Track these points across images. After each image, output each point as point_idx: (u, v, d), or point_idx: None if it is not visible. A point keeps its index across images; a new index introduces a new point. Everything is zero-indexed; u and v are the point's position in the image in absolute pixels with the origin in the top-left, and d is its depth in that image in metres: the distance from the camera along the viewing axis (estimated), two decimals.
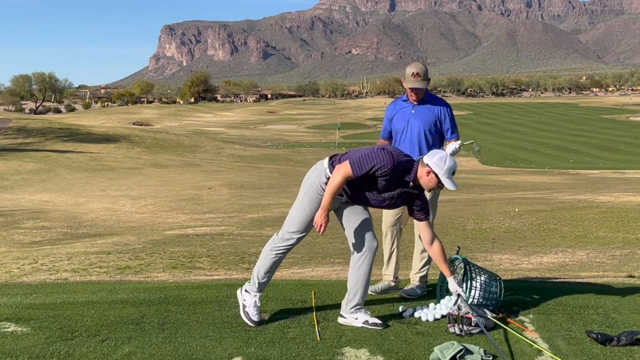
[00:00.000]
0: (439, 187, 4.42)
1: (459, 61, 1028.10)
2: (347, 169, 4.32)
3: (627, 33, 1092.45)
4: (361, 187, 4.47)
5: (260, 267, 4.70)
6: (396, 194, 4.47)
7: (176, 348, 4.04)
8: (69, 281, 6.32)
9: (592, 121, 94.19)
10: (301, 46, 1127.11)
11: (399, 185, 4.43)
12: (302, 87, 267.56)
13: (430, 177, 4.37)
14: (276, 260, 4.69)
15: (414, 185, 4.45)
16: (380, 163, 4.30)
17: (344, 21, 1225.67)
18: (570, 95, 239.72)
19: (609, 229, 11.19)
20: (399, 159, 4.35)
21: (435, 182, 4.38)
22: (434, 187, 4.41)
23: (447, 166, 4.35)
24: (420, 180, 4.41)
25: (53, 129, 50.01)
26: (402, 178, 4.40)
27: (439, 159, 4.36)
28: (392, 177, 4.36)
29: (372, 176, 4.35)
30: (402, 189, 4.45)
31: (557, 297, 5.16)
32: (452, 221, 12.76)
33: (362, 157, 4.34)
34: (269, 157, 48.58)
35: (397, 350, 4.00)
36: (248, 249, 9.12)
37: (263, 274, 4.68)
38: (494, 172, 41.28)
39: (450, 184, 4.37)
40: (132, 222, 14.86)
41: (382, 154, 4.33)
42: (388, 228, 5.45)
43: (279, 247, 4.65)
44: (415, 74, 5.14)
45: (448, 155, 4.42)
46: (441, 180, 4.36)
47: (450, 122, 5.28)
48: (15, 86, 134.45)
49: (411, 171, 4.40)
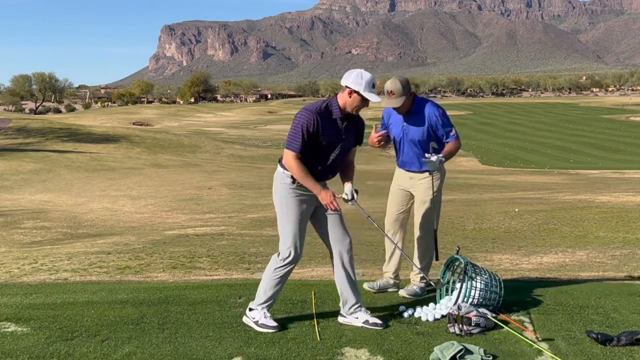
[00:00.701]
0: (364, 104, 4.45)
1: (459, 61, 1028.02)
2: (288, 152, 4.40)
3: (627, 33, 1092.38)
4: (321, 157, 4.50)
5: (266, 287, 4.59)
6: (343, 137, 4.51)
7: (176, 348, 4.04)
8: (69, 281, 6.32)
9: (592, 121, 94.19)
10: (301, 46, 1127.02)
11: (336, 127, 4.47)
12: (302, 87, 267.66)
13: (353, 96, 4.42)
14: (281, 279, 4.58)
15: (343, 116, 4.48)
16: (305, 121, 4.36)
17: (344, 21, 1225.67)
18: (570, 95, 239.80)
19: (609, 229, 11.18)
20: (315, 106, 4.45)
21: (359, 100, 4.43)
22: (359, 105, 4.45)
23: (365, 80, 4.40)
24: (345, 105, 4.46)
25: (53, 129, 50.01)
26: (332, 119, 4.44)
27: (356, 76, 4.42)
28: (326, 126, 4.41)
29: (315, 141, 4.39)
30: (341, 128, 4.49)
31: (557, 297, 5.16)
32: (452, 221, 12.76)
33: (291, 134, 4.41)
34: (269, 157, 48.57)
35: (397, 350, 4.00)
36: (248, 249, 9.12)
37: (269, 294, 4.57)
38: (494, 172, 41.27)
39: (373, 96, 4.44)
40: (132, 222, 14.86)
41: (301, 115, 4.40)
42: (390, 224, 5.44)
43: (281, 266, 4.55)
44: (389, 92, 5.05)
45: (363, 70, 4.47)
46: (364, 96, 4.41)
47: (443, 128, 5.11)
48: (15, 86, 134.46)
49: (333, 106, 4.46)
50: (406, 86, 5.04)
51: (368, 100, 4.44)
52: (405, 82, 5.07)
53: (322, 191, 4.44)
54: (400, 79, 5.10)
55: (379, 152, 5.28)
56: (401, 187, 5.40)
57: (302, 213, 4.54)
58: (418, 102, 5.16)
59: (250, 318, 4.52)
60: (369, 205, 16.45)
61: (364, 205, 4.90)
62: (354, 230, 4.38)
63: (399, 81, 5.05)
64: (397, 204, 5.41)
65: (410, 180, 5.32)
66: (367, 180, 29.69)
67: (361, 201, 4.89)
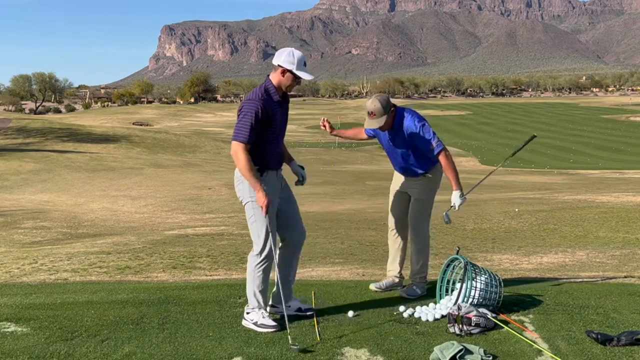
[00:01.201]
0: (297, 82, 4.54)
1: (459, 61, 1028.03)
2: (237, 144, 4.42)
3: (627, 33, 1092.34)
4: (274, 142, 4.61)
5: (253, 288, 4.60)
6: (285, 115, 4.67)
7: (176, 348, 4.04)
8: (69, 281, 6.32)
9: (592, 121, 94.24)
10: (301, 46, 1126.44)
11: (279, 109, 4.57)
12: (302, 87, 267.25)
13: (286, 75, 4.49)
14: (264, 276, 4.60)
15: (281, 97, 4.58)
16: (253, 112, 4.40)
17: (344, 21, 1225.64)
18: (570, 95, 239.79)
19: (609, 229, 11.18)
20: (257, 94, 4.48)
21: (292, 78, 4.51)
22: (292, 84, 4.53)
23: (296, 59, 4.48)
24: (280, 84, 4.53)
25: (53, 129, 50.00)
26: (274, 102, 4.52)
27: (288, 55, 4.49)
28: (271, 111, 4.48)
29: (267, 128, 4.48)
30: (282, 109, 4.61)
31: (557, 297, 5.16)
32: (452, 221, 12.76)
33: (239, 125, 4.44)
34: None
35: (397, 350, 4.00)
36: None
37: (258, 293, 4.59)
38: (494, 172, 41.24)
39: (306, 75, 4.52)
40: (132, 222, 14.86)
41: (247, 105, 4.45)
42: (394, 224, 5.46)
43: (260, 262, 4.58)
44: (371, 113, 5.05)
45: (294, 49, 4.55)
46: (296, 74, 4.48)
47: (426, 144, 5.05)
48: (15, 86, 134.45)
49: (271, 90, 4.52)
50: (386, 106, 5.02)
51: (300, 78, 4.52)
52: (385, 102, 5.04)
53: (260, 192, 4.42)
54: (380, 98, 5.07)
55: (379, 152, 5.25)
56: (400, 188, 5.43)
57: (272, 207, 4.55)
58: (399, 116, 5.12)
59: (249, 321, 4.53)
60: (369, 205, 16.49)
61: (364, 206, 4.90)
62: (354, 231, 4.39)
63: (379, 101, 5.03)
64: (399, 204, 5.44)
65: (407, 182, 5.39)
66: (367, 180, 29.71)
67: (361, 201, 4.89)
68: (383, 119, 5.02)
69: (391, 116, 5.08)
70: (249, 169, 4.41)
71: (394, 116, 5.10)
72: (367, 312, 4.79)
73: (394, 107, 5.10)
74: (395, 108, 5.12)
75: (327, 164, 45.17)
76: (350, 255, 8.60)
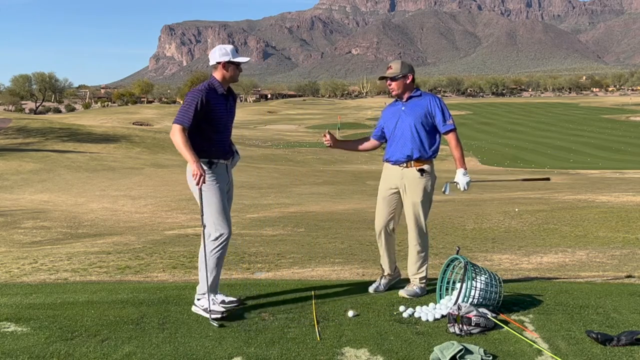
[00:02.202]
0: (238, 70, 4.83)
1: (459, 61, 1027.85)
2: (175, 125, 4.65)
3: (627, 33, 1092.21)
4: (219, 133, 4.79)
5: (207, 273, 4.72)
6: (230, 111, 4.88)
7: (176, 348, 4.04)
8: (69, 281, 6.32)
9: (592, 121, 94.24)
10: (301, 46, 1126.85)
11: (223, 102, 4.81)
12: (302, 87, 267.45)
13: (227, 67, 4.79)
14: (218, 261, 4.79)
15: (227, 91, 4.85)
16: (196, 99, 4.66)
17: (344, 21, 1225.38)
18: (570, 95, 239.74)
19: (609, 229, 11.19)
20: (202, 86, 4.76)
21: (233, 67, 4.81)
22: (235, 72, 4.82)
23: (228, 50, 4.81)
24: (224, 79, 4.82)
25: (53, 129, 50.01)
26: (219, 95, 4.78)
27: (220, 50, 4.82)
28: (215, 102, 4.73)
29: (210, 117, 4.71)
30: (227, 102, 4.85)
31: (557, 297, 5.16)
32: (452, 221, 12.76)
33: (181, 110, 4.68)
34: (269, 157, 48.58)
35: (397, 350, 3.99)
36: (248, 249, 9.12)
37: (211, 279, 4.75)
38: (494, 172, 41.27)
39: (242, 58, 4.82)
40: (132, 222, 14.87)
41: (191, 93, 4.71)
42: (381, 228, 5.44)
43: (216, 247, 4.75)
44: (388, 67, 5.35)
45: (221, 44, 4.91)
46: (235, 62, 4.79)
47: (441, 114, 5.24)
48: (15, 86, 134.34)
49: (215, 84, 4.80)
50: (404, 68, 5.28)
51: (240, 64, 4.83)
52: (406, 65, 5.32)
53: (195, 163, 4.58)
54: (404, 61, 5.37)
55: (379, 152, 5.25)
56: (390, 188, 5.36)
57: (221, 193, 4.80)
58: (421, 92, 5.36)
59: (199, 307, 4.71)
60: (369, 205, 16.45)
61: (364, 206, 4.90)
62: (354, 231, 4.39)
63: (402, 62, 5.34)
64: (387, 207, 5.38)
65: (401, 179, 5.29)
66: (367, 180, 29.70)
67: (361, 201, 4.90)
68: (395, 74, 5.26)
69: (406, 82, 5.28)
70: (184, 144, 4.61)
71: (411, 87, 5.31)
72: (367, 312, 4.79)
73: (412, 76, 5.30)
74: (413, 78, 5.32)
75: (327, 164, 45.17)
76: (350, 255, 8.60)
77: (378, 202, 5.46)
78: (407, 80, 5.29)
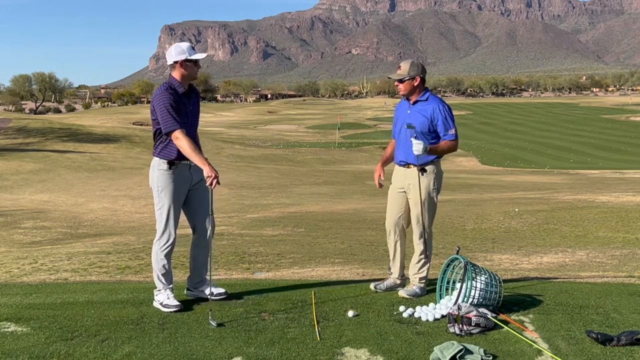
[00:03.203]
0: (196, 67, 4.88)
1: (459, 61, 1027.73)
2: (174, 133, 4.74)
3: (627, 33, 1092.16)
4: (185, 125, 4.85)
5: (158, 272, 5.00)
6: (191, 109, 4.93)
7: (176, 348, 4.04)
8: (69, 281, 6.32)
9: (592, 121, 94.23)
10: (301, 46, 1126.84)
11: (185, 101, 4.88)
12: (302, 87, 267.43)
13: (185, 66, 4.85)
14: (166, 260, 5.00)
15: (187, 90, 4.91)
16: (166, 100, 4.75)
17: (344, 21, 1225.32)
18: (570, 95, 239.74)
19: (609, 229, 11.19)
20: (163, 87, 4.86)
21: (191, 65, 4.86)
22: (193, 70, 4.87)
23: (184, 48, 4.86)
24: (184, 77, 4.87)
25: (53, 129, 50.00)
26: (179, 95, 4.85)
27: (176, 48, 4.88)
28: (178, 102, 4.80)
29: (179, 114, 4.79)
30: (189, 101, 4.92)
31: (557, 297, 5.16)
32: (452, 221, 12.76)
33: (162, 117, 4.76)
34: (269, 157, 48.58)
35: (397, 350, 3.99)
36: (248, 248, 9.12)
37: (162, 276, 4.99)
38: (494, 172, 41.27)
39: (199, 54, 4.86)
40: (132, 222, 14.87)
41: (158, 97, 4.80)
42: (391, 227, 5.46)
43: (162, 248, 4.97)
44: (398, 67, 5.31)
45: (177, 43, 4.95)
46: (192, 60, 4.84)
47: (443, 123, 5.17)
48: (15, 86, 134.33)
49: (175, 84, 4.87)
50: (413, 70, 5.22)
51: (197, 60, 4.88)
52: (415, 65, 5.26)
53: (207, 166, 4.66)
54: (414, 61, 5.32)
55: (379, 152, 5.24)
56: (398, 188, 5.40)
57: (179, 197, 4.92)
58: (429, 95, 5.30)
59: (157, 302, 4.92)
60: (369, 205, 16.49)
61: (364, 206, 4.90)
62: (354, 231, 4.39)
63: (411, 61, 5.30)
64: (397, 207, 5.42)
65: (405, 179, 5.32)
66: (367, 180, 29.70)
67: (361, 201, 4.90)
68: (402, 75, 5.22)
69: (415, 84, 5.24)
70: (193, 150, 4.70)
71: (419, 88, 5.26)
72: (367, 312, 4.79)
73: (420, 77, 5.25)
74: (423, 80, 5.27)
75: (327, 164, 45.18)
76: (350, 255, 8.61)
77: (388, 202, 5.51)
78: (415, 82, 5.23)
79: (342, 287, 5.61)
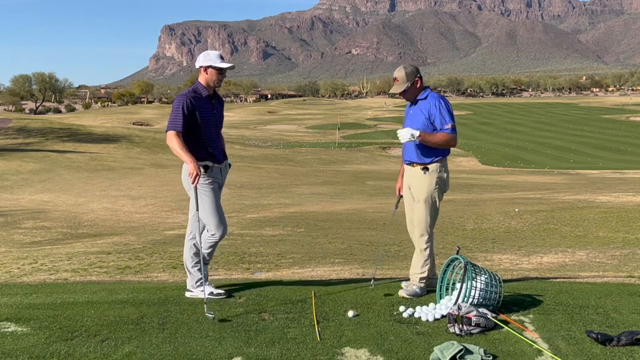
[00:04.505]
0: (221, 75, 5.07)
1: (459, 61, 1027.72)
2: (169, 133, 4.93)
3: (627, 33, 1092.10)
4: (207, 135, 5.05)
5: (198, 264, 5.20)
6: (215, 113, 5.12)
7: (176, 348, 4.04)
8: (69, 281, 6.32)
9: (592, 121, 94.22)
10: (301, 46, 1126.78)
11: (209, 104, 5.08)
12: (302, 87, 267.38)
13: (209, 72, 5.05)
14: (212, 251, 5.26)
15: (211, 94, 5.10)
16: (182, 103, 4.93)
17: (344, 21, 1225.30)
18: (570, 95, 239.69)
19: (609, 229, 11.19)
20: (187, 91, 5.04)
21: (216, 72, 5.06)
22: (218, 77, 5.06)
23: (212, 55, 5.08)
24: (208, 83, 5.07)
25: (53, 129, 50.01)
26: (204, 98, 5.04)
27: (204, 55, 5.10)
28: (200, 106, 4.98)
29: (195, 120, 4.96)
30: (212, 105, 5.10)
31: (557, 297, 5.16)
32: (452, 221, 12.76)
33: (172, 117, 4.95)
34: (269, 157, 48.58)
35: (397, 350, 3.99)
36: (248, 248, 9.12)
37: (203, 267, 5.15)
38: (494, 172, 41.28)
39: (224, 64, 5.04)
40: (132, 222, 14.87)
41: (178, 99, 5.00)
42: (409, 226, 5.49)
43: (215, 241, 5.21)
44: (394, 79, 5.29)
45: (208, 50, 5.23)
46: (217, 67, 5.03)
47: (440, 117, 5.16)
48: (15, 86, 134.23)
49: (200, 88, 5.06)
50: (411, 74, 5.22)
51: (223, 69, 5.05)
52: (410, 70, 5.24)
53: (192, 163, 4.85)
54: (407, 66, 5.29)
55: (379, 152, 5.25)
56: (407, 187, 5.46)
57: (217, 194, 5.17)
58: (429, 93, 5.30)
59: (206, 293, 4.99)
60: (369, 205, 16.49)
61: (364, 206, 4.91)
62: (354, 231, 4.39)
63: (404, 68, 5.28)
64: (410, 206, 5.46)
65: (410, 178, 5.37)
66: (367, 180, 29.71)
67: (361, 201, 4.91)
68: (404, 86, 5.22)
69: (416, 88, 5.25)
70: (181, 147, 4.88)
71: (419, 89, 5.27)
72: (367, 312, 4.79)
73: (419, 78, 5.25)
74: (421, 79, 5.28)
75: (327, 164, 45.18)
76: (350, 255, 8.61)
77: (405, 202, 5.56)
78: (416, 86, 5.27)
79: (342, 287, 5.62)
